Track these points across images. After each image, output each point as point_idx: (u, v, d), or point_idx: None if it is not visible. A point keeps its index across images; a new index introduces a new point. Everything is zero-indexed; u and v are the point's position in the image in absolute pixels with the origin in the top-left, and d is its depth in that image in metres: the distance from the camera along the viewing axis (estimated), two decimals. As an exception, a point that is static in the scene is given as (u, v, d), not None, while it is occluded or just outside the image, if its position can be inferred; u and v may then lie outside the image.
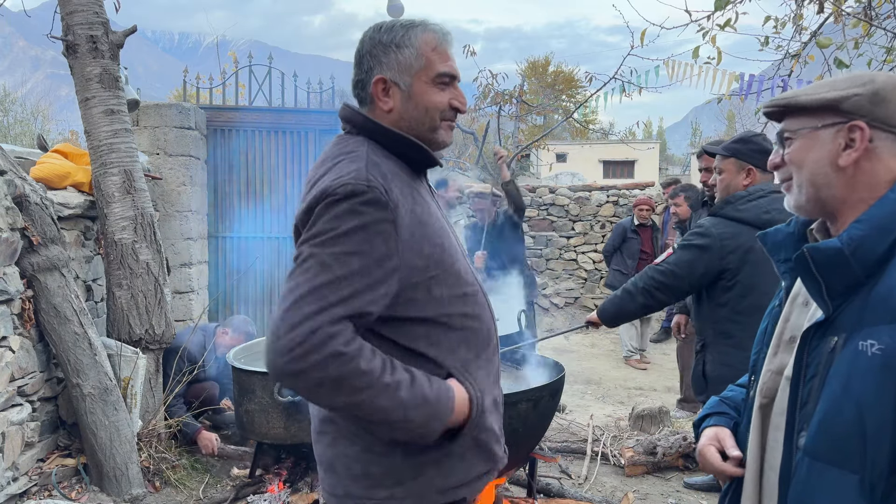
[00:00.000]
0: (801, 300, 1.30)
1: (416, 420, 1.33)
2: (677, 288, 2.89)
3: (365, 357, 1.28)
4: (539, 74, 31.59)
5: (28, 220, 3.39)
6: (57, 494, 3.45)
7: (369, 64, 1.46)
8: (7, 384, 3.30)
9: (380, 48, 1.45)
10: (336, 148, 1.45)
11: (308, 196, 1.36)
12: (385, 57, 1.44)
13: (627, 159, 30.41)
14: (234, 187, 6.10)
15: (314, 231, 1.30)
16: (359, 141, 1.43)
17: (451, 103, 1.48)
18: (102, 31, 3.93)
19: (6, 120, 25.32)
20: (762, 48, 5.01)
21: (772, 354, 1.33)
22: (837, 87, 1.20)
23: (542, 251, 10.17)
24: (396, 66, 1.44)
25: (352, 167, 1.34)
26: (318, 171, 1.41)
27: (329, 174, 1.36)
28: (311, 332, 1.23)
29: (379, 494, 1.41)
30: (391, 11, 10.07)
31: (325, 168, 1.40)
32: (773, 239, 1.36)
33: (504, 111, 9.94)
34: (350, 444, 1.43)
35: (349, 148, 1.42)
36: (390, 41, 1.44)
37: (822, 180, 1.21)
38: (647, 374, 7.00)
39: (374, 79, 1.45)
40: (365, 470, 1.42)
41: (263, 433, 3.61)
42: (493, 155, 6.00)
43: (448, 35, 1.50)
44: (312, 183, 1.39)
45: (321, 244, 1.28)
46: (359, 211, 1.29)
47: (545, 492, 3.65)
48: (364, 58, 1.47)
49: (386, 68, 1.44)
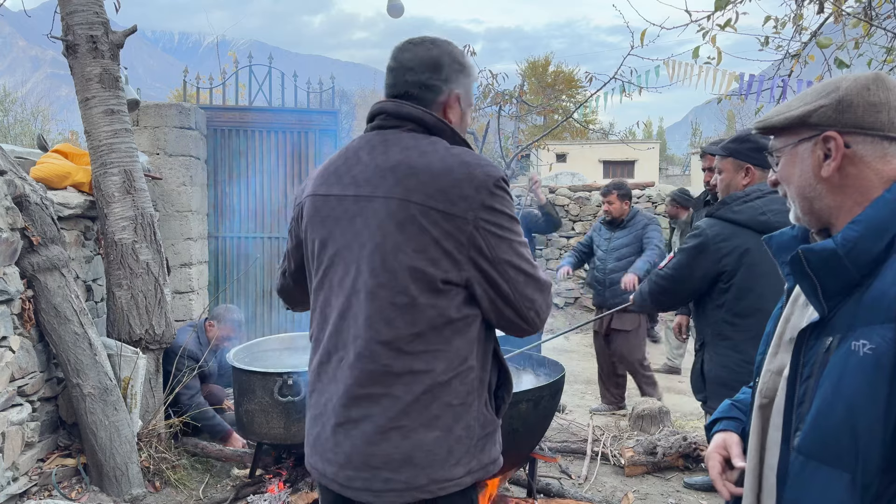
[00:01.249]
0: (802, 301, 1.32)
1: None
2: (680, 292, 2.90)
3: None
4: (539, 74, 31.60)
5: (28, 220, 3.39)
6: (57, 494, 3.45)
7: (448, 75, 1.62)
8: (7, 384, 3.30)
9: (457, 66, 1.64)
10: (424, 143, 1.56)
11: (460, 188, 1.49)
12: (463, 77, 1.66)
13: (627, 159, 30.39)
14: (234, 187, 6.10)
15: (505, 211, 1.53)
16: (438, 139, 1.58)
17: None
18: (102, 31, 3.93)
19: (6, 120, 25.32)
20: (762, 48, 5.01)
21: (772, 355, 1.35)
22: (805, 101, 1.24)
23: (542, 251, 10.17)
24: (464, 87, 1.66)
25: (482, 158, 1.56)
26: (427, 161, 1.52)
27: (468, 163, 1.51)
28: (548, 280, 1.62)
29: (458, 472, 1.53)
30: (391, 11, 10.07)
31: (441, 159, 1.52)
32: (779, 241, 1.38)
33: (504, 111, 9.93)
34: (428, 431, 1.51)
35: (443, 144, 1.56)
36: (466, 65, 1.66)
37: (811, 193, 1.25)
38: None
39: (454, 91, 1.63)
40: (449, 450, 1.52)
41: (263, 433, 3.61)
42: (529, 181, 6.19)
43: None
44: (433, 174, 1.50)
45: (512, 227, 1.55)
46: (510, 196, 1.58)
47: (545, 492, 3.65)
48: (444, 67, 1.62)
49: (461, 87, 1.65)
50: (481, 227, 1.48)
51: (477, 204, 1.48)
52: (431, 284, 1.49)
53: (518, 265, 1.53)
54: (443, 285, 1.50)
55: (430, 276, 1.48)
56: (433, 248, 1.48)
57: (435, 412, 1.50)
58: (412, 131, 1.57)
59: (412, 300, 1.49)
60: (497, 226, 1.50)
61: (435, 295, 1.50)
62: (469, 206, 1.48)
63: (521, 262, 1.54)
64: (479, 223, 1.48)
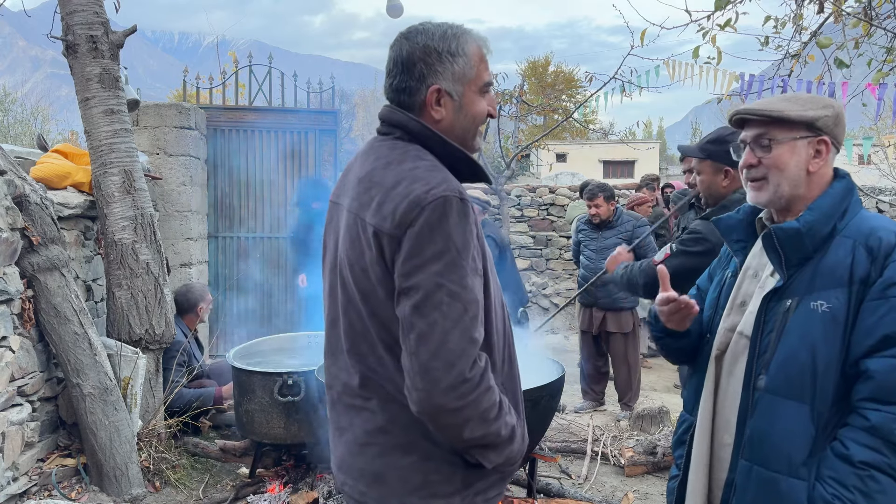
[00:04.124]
0: (751, 272, 1.65)
1: (517, 447, 1.43)
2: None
3: (496, 388, 1.36)
4: (539, 74, 31.59)
5: (28, 220, 3.39)
6: (57, 494, 3.45)
7: (422, 72, 1.42)
8: (7, 384, 3.30)
9: (435, 56, 1.42)
10: (395, 153, 1.42)
11: (391, 206, 1.32)
12: (440, 66, 1.42)
13: (627, 159, 30.39)
14: (234, 187, 6.10)
15: (427, 254, 1.27)
16: (418, 149, 1.42)
17: (488, 110, 1.50)
18: (102, 31, 3.93)
19: (6, 120, 25.32)
20: (762, 48, 5.01)
21: (726, 315, 1.67)
22: (811, 108, 1.53)
23: (542, 251, 10.16)
24: (451, 75, 1.42)
25: (437, 175, 1.34)
26: (384, 177, 1.37)
27: (413, 182, 1.32)
28: (469, 366, 1.27)
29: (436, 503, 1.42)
30: (390, 11, 10.07)
31: (396, 175, 1.36)
32: (727, 224, 1.71)
33: (504, 111, 9.93)
34: (404, 455, 1.41)
35: (413, 155, 1.40)
36: (445, 49, 1.42)
37: (797, 181, 1.54)
38: (647, 375, 6.99)
39: (429, 88, 1.42)
40: (425, 479, 1.41)
41: (263, 433, 3.61)
42: None
43: (488, 42, 1.50)
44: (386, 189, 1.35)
45: (441, 273, 1.27)
46: (462, 221, 1.29)
47: (545, 492, 3.65)
48: (416, 65, 1.42)
49: (441, 78, 1.42)
50: (400, 250, 1.30)
51: (403, 221, 1.29)
52: (376, 308, 1.37)
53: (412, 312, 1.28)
54: (385, 311, 1.36)
55: (375, 298, 1.37)
56: (372, 269, 1.36)
57: (413, 437, 1.40)
58: (399, 139, 1.45)
59: (363, 323, 1.41)
60: (412, 252, 1.28)
61: (382, 320, 1.38)
62: (396, 224, 1.30)
63: (423, 310, 1.26)
64: (399, 244, 1.30)
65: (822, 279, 1.46)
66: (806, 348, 1.44)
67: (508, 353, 1.49)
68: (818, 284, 1.46)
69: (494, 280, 1.45)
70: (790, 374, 1.46)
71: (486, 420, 1.32)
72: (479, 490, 1.45)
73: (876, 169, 16.09)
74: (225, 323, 6.18)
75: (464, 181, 1.47)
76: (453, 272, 1.27)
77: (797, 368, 1.45)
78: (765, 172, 1.55)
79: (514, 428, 1.40)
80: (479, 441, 1.35)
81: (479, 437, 1.34)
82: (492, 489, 1.48)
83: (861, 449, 1.38)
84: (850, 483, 1.38)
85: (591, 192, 5.30)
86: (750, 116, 1.57)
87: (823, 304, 1.45)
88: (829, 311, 1.44)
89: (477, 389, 1.29)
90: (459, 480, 1.42)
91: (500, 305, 1.47)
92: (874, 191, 9.57)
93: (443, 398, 1.27)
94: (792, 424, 1.45)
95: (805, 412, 1.44)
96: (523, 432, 1.46)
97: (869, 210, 1.61)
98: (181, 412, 4.17)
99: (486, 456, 1.39)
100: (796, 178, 1.53)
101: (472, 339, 1.29)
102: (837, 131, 1.55)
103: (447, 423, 1.31)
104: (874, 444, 1.37)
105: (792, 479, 1.44)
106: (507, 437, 1.39)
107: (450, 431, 1.34)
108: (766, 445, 1.48)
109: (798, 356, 1.45)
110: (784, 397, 1.47)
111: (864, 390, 1.40)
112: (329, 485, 3.43)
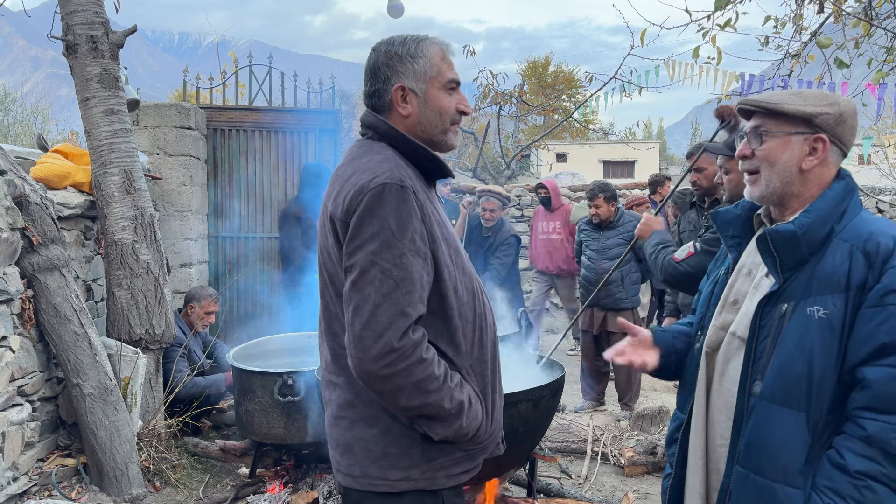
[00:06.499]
0: (745, 271, 1.61)
1: (466, 422, 1.50)
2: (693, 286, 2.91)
3: (436, 362, 1.44)
4: (539, 74, 31.58)
5: (28, 220, 3.39)
6: (57, 494, 3.45)
7: (386, 74, 1.58)
8: (7, 384, 3.30)
9: (396, 59, 1.58)
10: (361, 150, 1.58)
11: (343, 195, 1.45)
12: (402, 67, 1.58)
13: (627, 159, 30.41)
14: (234, 187, 6.09)
15: (365, 235, 1.40)
16: (382, 146, 1.56)
17: (458, 107, 1.62)
18: (102, 31, 3.93)
19: (6, 120, 25.33)
20: (762, 48, 5.01)
21: (718, 314, 1.63)
22: (811, 104, 1.48)
23: (542, 251, 10.14)
24: (413, 74, 1.58)
25: (385, 166, 1.47)
26: (346, 171, 1.52)
27: (362, 173, 1.46)
28: (398, 337, 1.38)
29: (394, 475, 1.51)
30: (391, 11, 10.08)
31: (353, 168, 1.51)
32: (724, 218, 1.66)
33: (504, 111, 9.94)
34: (368, 427, 1.52)
35: (375, 150, 1.55)
36: (405, 52, 1.58)
37: (788, 178, 1.50)
38: (648, 375, 6.99)
39: (393, 87, 1.57)
40: (384, 451, 1.51)
41: (263, 433, 3.61)
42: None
43: (451, 46, 1.66)
44: (343, 181, 1.49)
45: (376, 252, 1.40)
46: (399, 205, 1.41)
47: (545, 492, 3.65)
48: (380, 69, 1.59)
49: (404, 77, 1.58)
50: (345, 233, 1.45)
51: (349, 208, 1.44)
52: (340, 289, 1.51)
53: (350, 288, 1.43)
54: None
55: (339, 280, 1.50)
56: (333, 253, 1.50)
57: (374, 411, 1.52)
58: (371, 139, 1.61)
59: (335, 304, 1.55)
60: (353, 234, 1.43)
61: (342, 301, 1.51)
62: (345, 210, 1.44)
63: (359, 285, 1.41)
64: (347, 229, 1.44)
65: (819, 284, 1.43)
66: (802, 356, 1.42)
67: (479, 338, 1.58)
68: (815, 289, 1.43)
69: (459, 267, 1.55)
70: (786, 382, 1.44)
71: (423, 390, 1.41)
72: (440, 466, 1.53)
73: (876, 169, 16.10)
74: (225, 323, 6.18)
75: (430, 178, 1.62)
76: (387, 251, 1.39)
77: (793, 376, 1.43)
78: (757, 165, 1.52)
79: (462, 403, 1.48)
80: (418, 410, 1.44)
81: (416, 405, 1.43)
82: (456, 466, 1.55)
83: (857, 459, 1.37)
84: (847, 493, 1.36)
85: (592, 193, 5.31)
86: (750, 107, 1.55)
87: (820, 310, 1.41)
88: (825, 318, 1.41)
89: (407, 360, 1.38)
90: (419, 454, 1.51)
91: (466, 291, 1.56)
92: (874, 191, 9.56)
93: (372, 365, 1.38)
94: (788, 432, 1.43)
95: (801, 420, 1.42)
96: (482, 411, 1.55)
97: (869, 211, 1.56)
98: (196, 402, 4.25)
99: (431, 427, 1.48)
100: (787, 175, 1.49)
101: (403, 313, 1.39)
102: (840, 131, 1.48)
103: (380, 389, 1.42)
104: (871, 454, 1.36)
105: (788, 488, 1.43)
106: (452, 411, 1.46)
107: (386, 398, 1.44)
108: (762, 453, 1.47)
109: (794, 363, 1.43)
110: (780, 405, 1.44)
111: (861, 399, 1.38)
112: (329, 485, 3.43)
